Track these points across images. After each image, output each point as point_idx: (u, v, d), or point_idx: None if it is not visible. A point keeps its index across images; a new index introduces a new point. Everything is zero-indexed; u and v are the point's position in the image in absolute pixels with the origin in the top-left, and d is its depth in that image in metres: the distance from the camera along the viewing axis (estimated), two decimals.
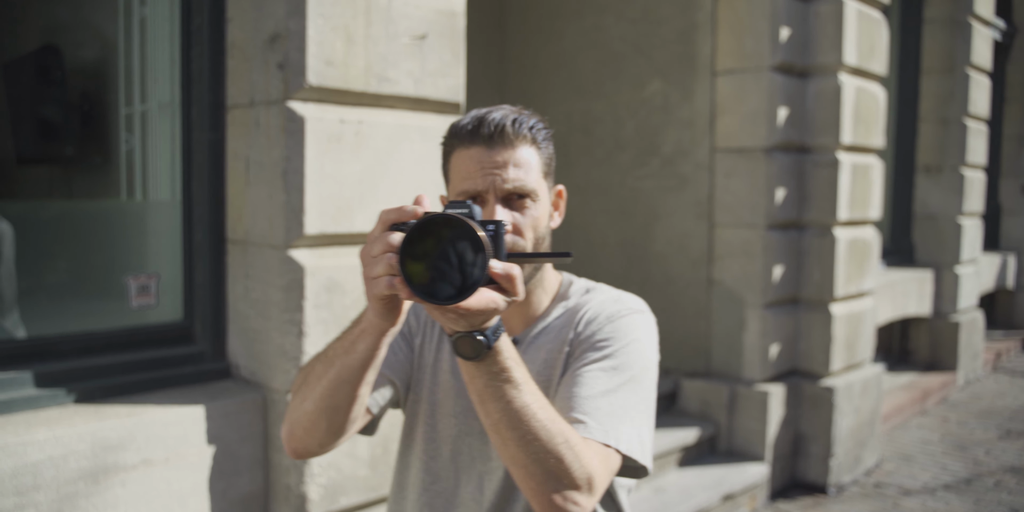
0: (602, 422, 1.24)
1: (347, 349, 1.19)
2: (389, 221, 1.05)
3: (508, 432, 1.12)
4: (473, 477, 1.44)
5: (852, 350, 4.93)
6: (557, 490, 1.14)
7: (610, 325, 1.38)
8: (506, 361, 1.10)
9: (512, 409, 1.11)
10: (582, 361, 1.34)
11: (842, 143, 4.69)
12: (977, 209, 7.57)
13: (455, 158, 1.39)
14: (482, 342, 1.06)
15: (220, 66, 2.70)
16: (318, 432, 1.28)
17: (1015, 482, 4.92)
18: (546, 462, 1.12)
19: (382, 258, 1.01)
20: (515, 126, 1.35)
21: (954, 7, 7.13)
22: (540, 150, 1.39)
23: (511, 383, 1.11)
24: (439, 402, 1.47)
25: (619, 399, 1.28)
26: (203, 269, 2.75)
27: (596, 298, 1.46)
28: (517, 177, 1.34)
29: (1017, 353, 8.93)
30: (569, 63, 5.44)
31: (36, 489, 2.16)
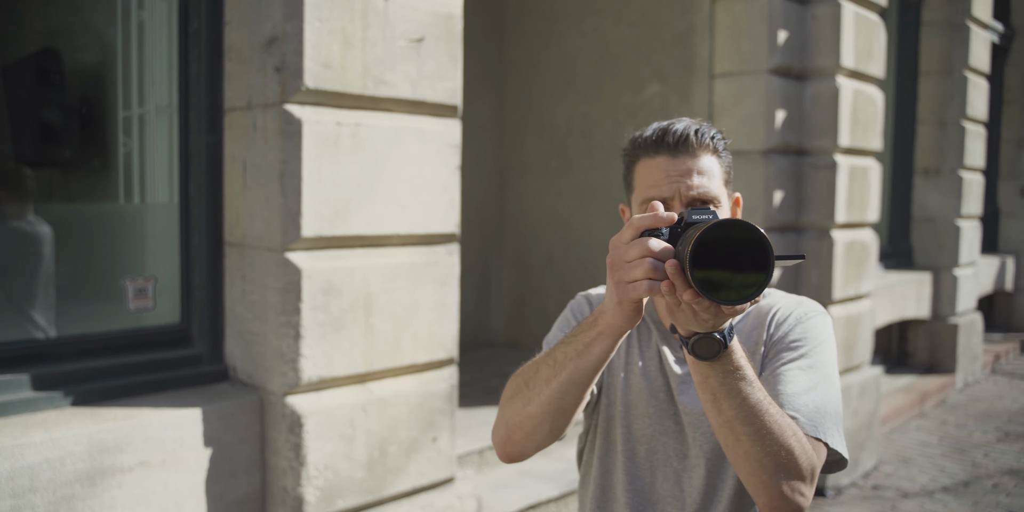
0: (810, 417, 1.29)
1: (580, 352, 1.23)
2: (643, 227, 1.10)
3: (743, 427, 1.16)
4: (670, 475, 1.49)
5: (850, 352, 4.93)
6: (787, 481, 1.18)
7: (800, 326, 1.43)
8: (739, 359, 1.15)
9: (748, 405, 1.15)
10: (779, 361, 1.39)
11: (840, 146, 4.69)
12: (975, 211, 7.57)
13: (639, 167, 1.44)
14: (720, 341, 1.10)
15: (218, 69, 2.71)
16: (539, 435, 1.32)
17: (1013, 484, 4.92)
18: (778, 455, 1.17)
19: (641, 262, 1.06)
20: (698, 136, 1.40)
21: (952, 10, 7.14)
22: (721, 159, 1.44)
23: (745, 380, 1.15)
24: (632, 403, 1.52)
25: (820, 395, 1.33)
26: (200, 272, 2.75)
27: (780, 301, 1.50)
28: (701, 184, 1.38)
29: (1016, 355, 8.93)
30: (568, 66, 5.45)
31: (33, 491, 2.16)
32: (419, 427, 2.84)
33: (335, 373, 2.61)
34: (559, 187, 5.51)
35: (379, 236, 2.70)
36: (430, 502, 2.87)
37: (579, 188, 5.36)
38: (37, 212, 2.74)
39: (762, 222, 4.50)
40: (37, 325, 2.63)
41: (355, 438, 2.66)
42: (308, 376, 2.55)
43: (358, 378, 2.69)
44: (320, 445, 2.58)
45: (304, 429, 2.54)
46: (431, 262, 2.84)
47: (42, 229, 2.70)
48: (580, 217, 5.37)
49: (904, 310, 6.72)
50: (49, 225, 2.71)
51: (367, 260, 2.67)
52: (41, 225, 2.71)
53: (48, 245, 2.70)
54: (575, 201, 5.39)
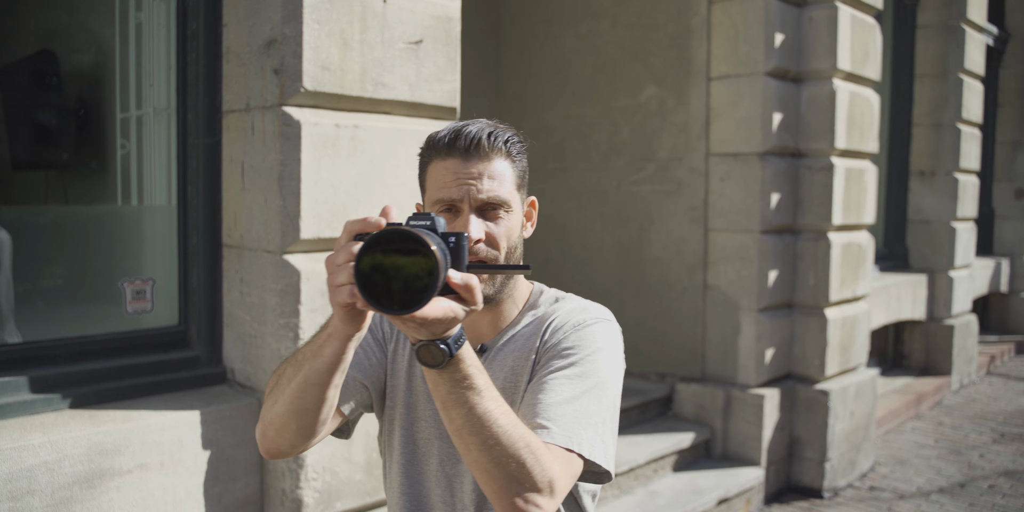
0: (565, 428, 1.27)
1: (315, 353, 1.23)
2: (353, 231, 1.08)
3: (470, 437, 1.16)
4: (442, 480, 1.48)
5: (847, 354, 4.94)
6: (519, 493, 1.17)
7: (576, 333, 1.41)
8: (468, 369, 1.13)
9: (474, 415, 1.14)
10: (548, 368, 1.37)
11: (836, 148, 4.70)
12: (971, 214, 7.60)
13: (432, 168, 1.42)
14: (444, 350, 1.09)
15: (216, 71, 2.71)
16: (288, 433, 1.32)
17: (1009, 486, 4.94)
18: (507, 466, 1.16)
19: (345, 267, 1.05)
20: (491, 139, 1.39)
21: (947, 13, 7.17)
22: (514, 163, 1.43)
23: (473, 390, 1.14)
24: (414, 405, 1.51)
25: (583, 406, 1.31)
26: (199, 274, 2.75)
27: (563, 307, 1.48)
28: (491, 188, 1.38)
29: (1011, 357, 8.95)
30: (565, 68, 5.46)
31: (31, 494, 2.15)
32: None
33: None
34: (556, 189, 5.51)
35: None
36: None
37: (576, 190, 5.37)
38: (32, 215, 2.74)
39: (759, 224, 4.51)
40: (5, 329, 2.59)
41: (353, 440, 2.66)
42: None
43: None
44: (319, 447, 2.57)
45: None
46: None
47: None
48: (577, 219, 5.37)
49: (900, 312, 6.74)
50: (7, 231, 2.60)
51: None
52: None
53: (6, 252, 2.63)
54: (572, 203, 5.39)
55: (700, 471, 4.47)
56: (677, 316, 4.90)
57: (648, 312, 5.00)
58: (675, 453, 4.44)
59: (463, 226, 1.35)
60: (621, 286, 5.14)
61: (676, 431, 4.55)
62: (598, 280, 5.22)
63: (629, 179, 5.13)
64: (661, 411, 4.82)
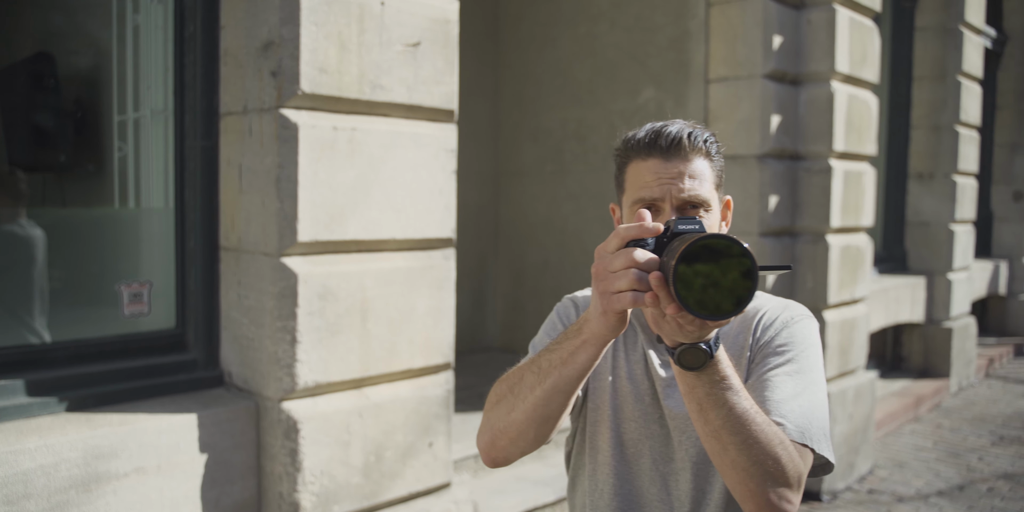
0: (797, 424, 1.28)
1: (565, 360, 1.24)
2: (629, 237, 1.10)
3: (730, 437, 1.16)
4: (657, 479, 1.49)
5: (845, 357, 4.93)
6: (774, 489, 1.18)
7: (786, 330, 1.43)
8: (726, 369, 1.15)
9: (734, 415, 1.15)
10: (766, 366, 1.39)
11: (835, 150, 4.70)
12: (969, 216, 7.59)
13: (631, 168, 1.44)
14: (706, 352, 1.11)
15: (213, 73, 2.70)
16: (524, 441, 1.34)
17: (1008, 488, 4.93)
18: (765, 464, 1.17)
19: (625, 273, 1.06)
20: (691, 139, 1.40)
21: (945, 15, 7.17)
22: (713, 162, 1.44)
23: (732, 390, 1.15)
24: (619, 407, 1.52)
25: (806, 401, 1.33)
26: (196, 277, 2.74)
27: (767, 305, 1.50)
28: (692, 187, 1.39)
29: (1010, 359, 8.95)
30: (563, 71, 5.46)
31: (27, 498, 2.14)
32: (415, 432, 2.83)
33: (331, 378, 2.60)
34: (554, 192, 5.51)
35: (375, 241, 2.69)
36: (426, 507, 2.86)
37: (574, 193, 5.36)
38: (30, 216, 2.73)
39: (757, 227, 4.51)
40: (32, 330, 2.62)
41: (351, 443, 2.65)
42: (304, 381, 2.54)
43: (354, 383, 2.68)
44: (316, 451, 2.57)
45: (300, 434, 2.53)
46: (427, 267, 2.84)
47: (35, 232, 2.69)
48: (576, 222, 5.37)
49: (898, 314, 6.74)
50: (42, 229, 2.69)
51: (363, 265, 2.67)
52: (34, 229, 2.69)
53: (41, 249, 2.69)
54: (571, 206, 5.39)
55: None
56: None
57: None
58: None
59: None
60: None
61: None
62: None
63: None
64: None
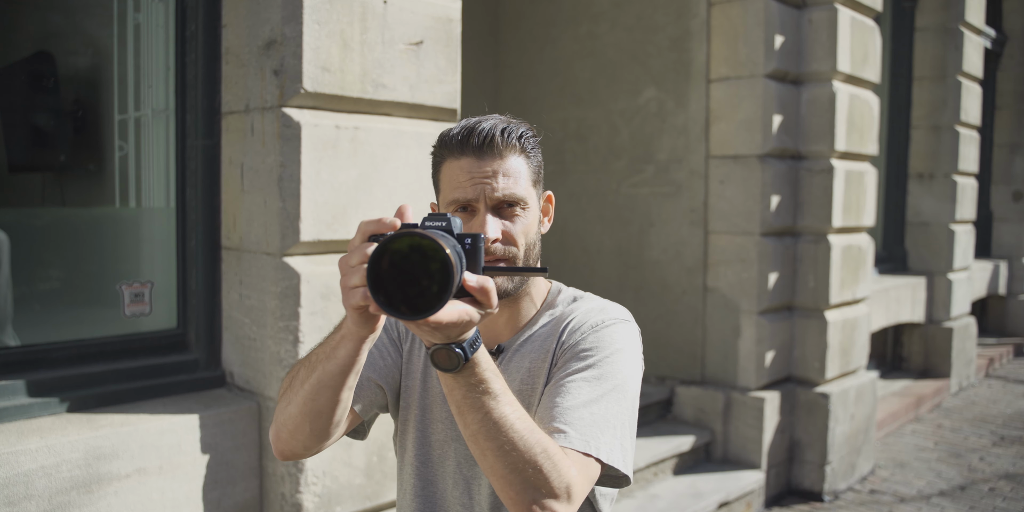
0: (583, 432, 1.25)
1: (328, 355, 1.21)
2: (368, 232, 1.06)
3: (486, 442, 1.14)
4: (460, 482, 1.45)
5: (847, 357, 4.93)
6: (535, 500, 1.15)
7: (594, 335, 1.38)
8: (484, 373, 1.11)
9: (490, 420, 1.12)
10: (565, 370, 1.34)
11: (836, 150, 4.69)
12: (969, 216, 7.59)
13: (445, 168, 1.40)
14: (459, 354, 1.07)
15: (215, 72, 2.69)
16: (302, 435, 1.30)
17: (1010, 488, 4.92)
18: (524, 472, 1.14)
19: (359, 269, 1.02)
20: (504, 136, 1.36)
21: (945, 15, 7.17)
22: (529, 159, 1.41)
23: (489, 394, 1.12)
24: (429, 407, 1.49)
25: (601, 409, 1.29)
26: (197, 277, 2.73)
27: (581, 307, 1.46)
28: (507, 186, 1.35)
29: (1010, 359, 8.94)
30: (564, 70, 5.45)
31: (28, 499, 2.13)
32: None
33: None
34: (555, 192, 5.47)
35: None
36: None
37: (575, 193, 5.35)
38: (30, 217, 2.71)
39: (759, 227, 4.50)
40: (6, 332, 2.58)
41: (353, 444, 2.64)
42: None
43: None
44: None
45: None
46: None
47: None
48: (576, 222, 5.36)
49: (899, 314, 6.73)
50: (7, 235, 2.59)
51: None
52: None
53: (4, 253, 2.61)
54: (571, 206, 5.37)
55: (700, 474, 4.45)
56: (677, 319, 4.89)
57: (648, 315, 4.97)
58: (675, 456, 4.42)
59: (480, 226, 1.33)
60: (620, 289, 5.12)
61: (676, 434, 4.53)
62: (597, 283, 5.20)
63: (628, 181, 5.12)
64: (661, 414, 4.80)
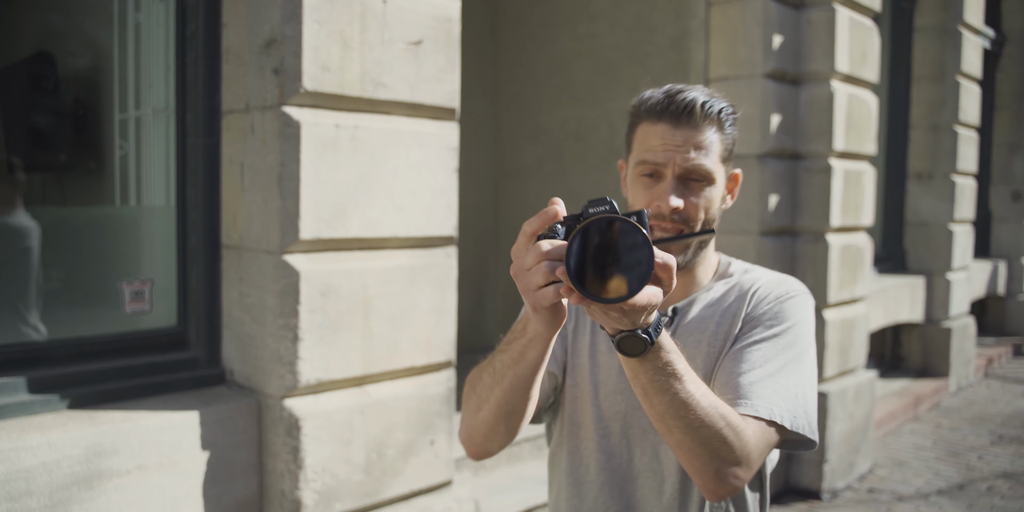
0: (767, 399, 1.29)
1: (516, 360, 1.24)
2: (532, 231, 1.08)
3: (674, 421, 1.17)
4: (647, 449, 1.48)
5: (845, 356, 4.94)
6: (719, 469, 1.21)
7: (779, 305, 1.42)
8: (668, 355, 1.13)
9: (677, 400, 1.15)
10: (749, 338, 1.39)
11: (835, 150, 4.71)
12: (968, 216, 7.61)
13: (640, 130, 1.44)
14: (646, 340, 1.08)
15: (215, 71, 2.70)
16: (498, 435, 1.35)
17: (1008, 487, 4.94)
18: (710, 444, 1.18)
19: (539, 268, 1.02)
20: (704, 108, 1.38)
21: (944, 16, 7.19)
22: (724, 134, 1.43)
23: (674, 376, 1.14)
24: (601, 382, 1.51)
25: (783, 376, 1.33)
26: (197, 275, 2.74)
27: (763, 278, 1.50)
28: (696, 157, 1.38)
29: (1009, 359, 8.96)
30: (563, 70, 5.46)
31: (29, 495, 2.14)
32: (417, 430, 2.83)
33: (333, 376, 2.60)
34: (554, 191, 5.51)
35: (377, 238, 2.70)
36: (428, 505, 2.86)
37: (574, 192, 5.37)
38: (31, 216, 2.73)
39: (758, 226, 4.52)
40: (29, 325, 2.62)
41: (353, 441, 2.65)
42: (306, 379, 2.54)
43: (356, 381, 2.68)
44: (318, 448, 2.57)
45: (302, 432, 2.53)
46: (429, 265, 2.84)
47: (30, 225, 2.66)
48: None
49: (898, 314, 6.75)
50: (38, 223, 2.67)
51: (365, 263, 2.67)
52: (29, 221, 2.67)
53: (36, 242, 2.66)
54: (570, 205, 5.38)
55: None
56: None
57: None
58: None
59: (664, 192, 1.36)
60: None
61: None
62: None
63: None
64: None
